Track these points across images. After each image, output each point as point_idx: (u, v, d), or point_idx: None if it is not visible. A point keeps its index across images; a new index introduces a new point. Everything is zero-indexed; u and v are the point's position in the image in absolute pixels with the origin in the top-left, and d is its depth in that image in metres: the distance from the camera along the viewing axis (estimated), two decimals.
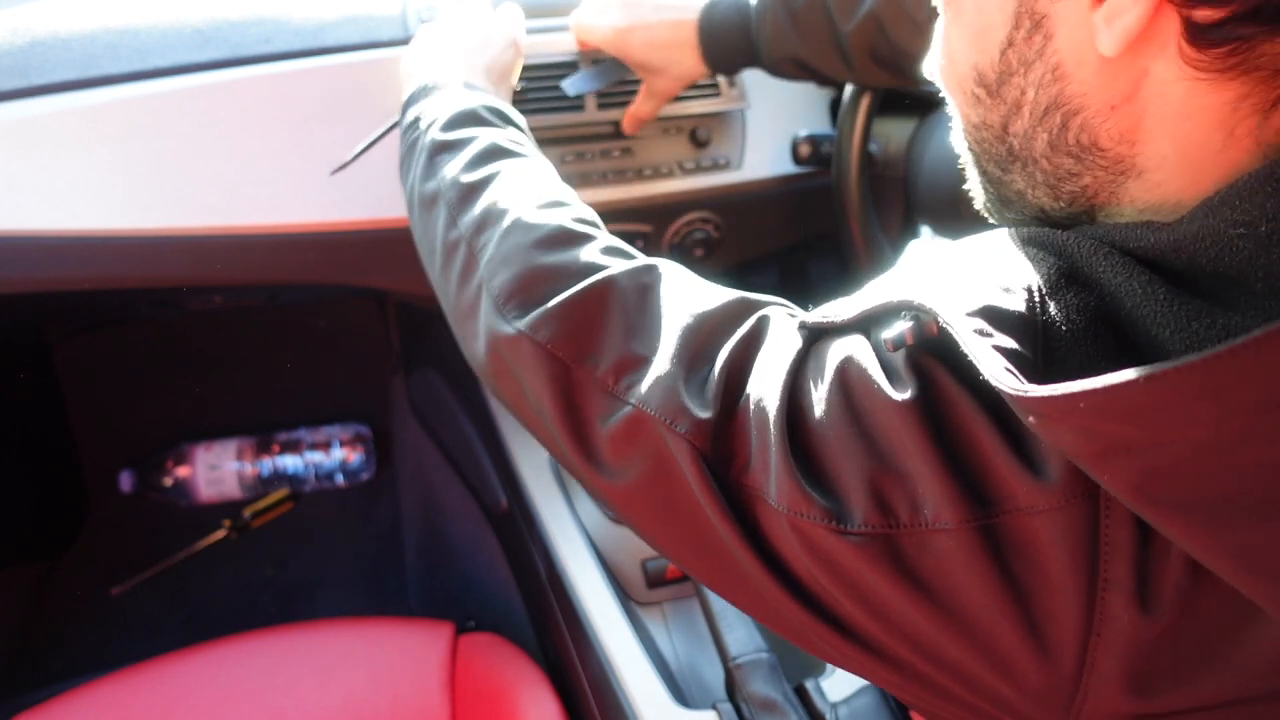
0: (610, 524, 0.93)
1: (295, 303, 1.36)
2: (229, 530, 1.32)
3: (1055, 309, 0.32)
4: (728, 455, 0.40)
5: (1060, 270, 0.33)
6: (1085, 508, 0.31)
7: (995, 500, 0.32)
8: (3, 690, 1.15)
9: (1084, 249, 0.33)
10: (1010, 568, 0.32)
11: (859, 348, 0.37)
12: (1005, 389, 0.29)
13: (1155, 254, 0.32)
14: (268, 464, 1.35)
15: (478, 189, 0.56)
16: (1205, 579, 0.30)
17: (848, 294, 0.40)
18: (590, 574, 0.87)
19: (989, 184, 0.43)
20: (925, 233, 1.00)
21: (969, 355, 0.31)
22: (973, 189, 0.45)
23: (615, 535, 0.92)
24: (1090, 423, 0.28)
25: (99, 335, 1.36)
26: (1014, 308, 0.32)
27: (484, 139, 0.60)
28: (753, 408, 0.39)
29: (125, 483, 1.32)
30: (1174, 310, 0.30)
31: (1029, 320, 0.32)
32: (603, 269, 0.47)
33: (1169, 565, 0.30)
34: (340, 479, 1.37)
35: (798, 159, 0.97)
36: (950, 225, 0.93)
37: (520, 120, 0.66)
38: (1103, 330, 0.31)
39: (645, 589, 0.89)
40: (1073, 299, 0.32)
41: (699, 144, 0.93)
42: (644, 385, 0.42)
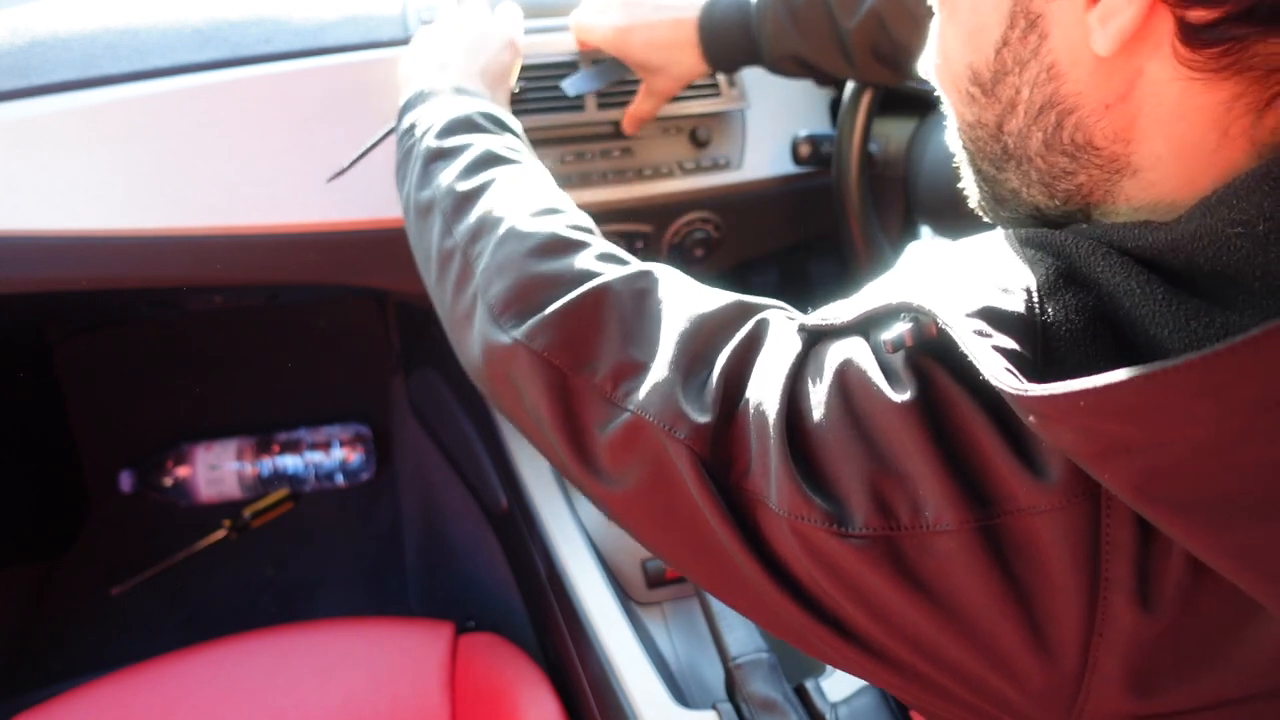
0: (610, 524, 0.92)
1: (295, 303, 1.36)
2: (229, 530, 1.32)
3: (1054, 309, 0.32)
4: (727, 460, 0.40)
5: (1059, 270, 0.33)
6: (1086, 507, 0.31)
7: (996, 501, 0.32)
8: (3, 690, 1.15)
9: (1082, 249, 0.33)
10: (1012, 568, 0.32)
11: (858, 350, 0.37)
12: (1005, 389, 0.29)
13: (1153, 254, 0.32)
14: (268, 464, 1.35)
15: (472, 197, 0.56)
16: (1206, 577, 0.30)
17: (848, 294, 0.40)
18: (590, 574, 0.87)
19: (983, 182, 0.43)
20: (925, 233, 1.00)
21: (968, 356, 0.31)
22: (967, 187, 0.45)
23: (615, 535, 0.92)
24: (1090, 422, 0.28)
25: (99, 335, 1.36)
26: (1013, 308, 0.32)
27: (479, 146, 0.60)
28: (752, 412, 0.39)
29: (125, 483, 1.32)
30: (1172, 309, 0.30)
31: (1028, 320, 0.32)
32: (598, 276, 0.47)
33: (1170, 564, 0.30)
34: (340, 479, 1.37)
35: (798, 159, 0.97)
36: (950, 225, 0.93)
37: (516, 125, 0.66)
38: (1102, 330, 0.31)
39: (645, 589, 0.89)
40: (1071, 299, 0.32)
41: (699, 144, 0.93)
42: (642, 391, 0.42)
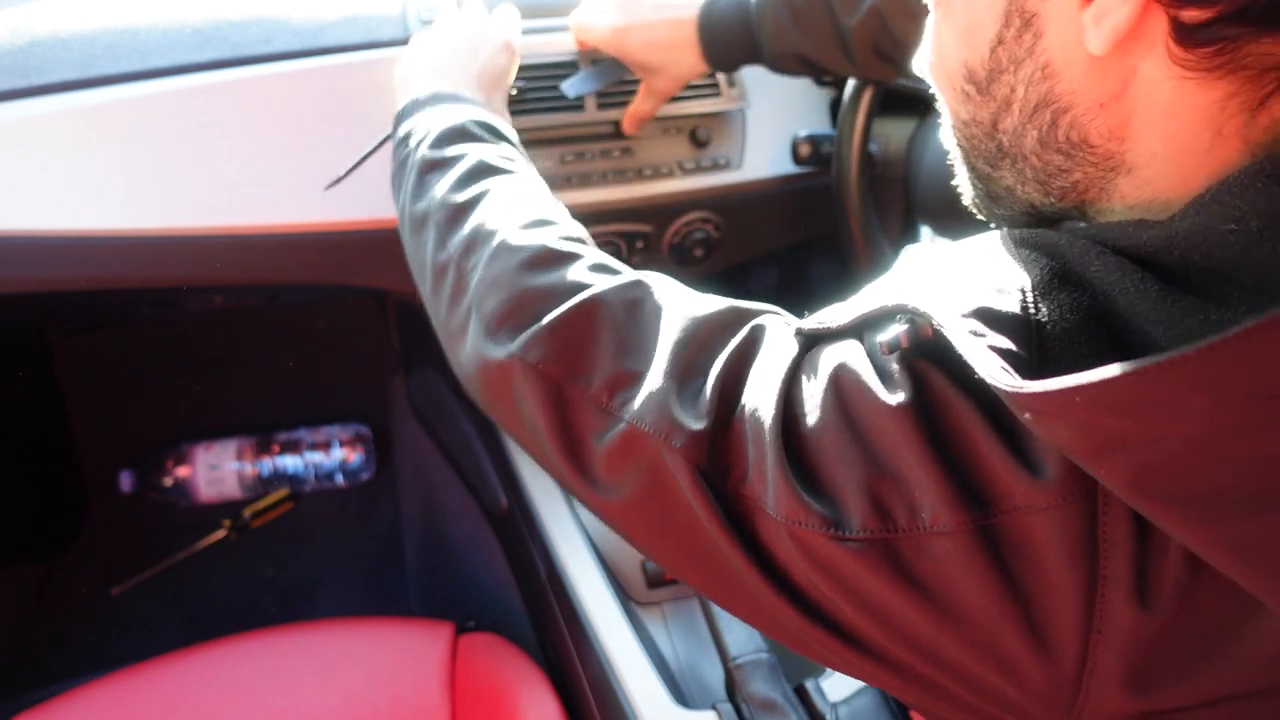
0: None
1: (295, 303, 1.36)
2: (229, 530, 1.32)
3: (1049, 308, 0.32)
4: (725, 467, 0.40)
5: (1053, 270, 0.33)
6: (1083, 505, 0.31)
7: (992, 501, 0.32)
8: (3, 690, 1.15)
9: (1076, 249, 0.33)
10: (1009, 568, 0.32)
11: (853, 353, 0.37)
12: (1001, 386, 0.30)
13: (1148, 251, 0.32)
14: (268, 464, 1.35)
15: (466, 209, 0.56)
16: (1204, 574, 0.30)
17: (848, 294, 0.40)
18: (590, 574, 0.87)
19: (978, 180, 0.44)
20: (925, 233, 1.00)
21: (964, 355, 0.31)
22: (961, 185, 0.45)
23: (615, 535, 0.91)
24: (1086, 417, 0.28)
25: (99, 335, 1.36)
26: (1008, 308, 0.32)
27: (473, 156, 0.60)
28: (749, 417, 0.39)
29: (125, 483, 1.32)
30: (1167, 307, 0.30)
31: (1023, 320, 0.32)
32: (590, 287, 0.47)
33: (1168, 561, 0.30)
34: (340, 479, 1.37)
35: (798, 159, 0.97)
36: (950, 225, 0.93)
37: (511, 133, 0.66)
38: (1097, 329, 0.31)
39: (645, 589, 0.89)
40: (1066, 298, 0.32)
41: (699, 144, 0.93)
42: (638, 401, 0.42)
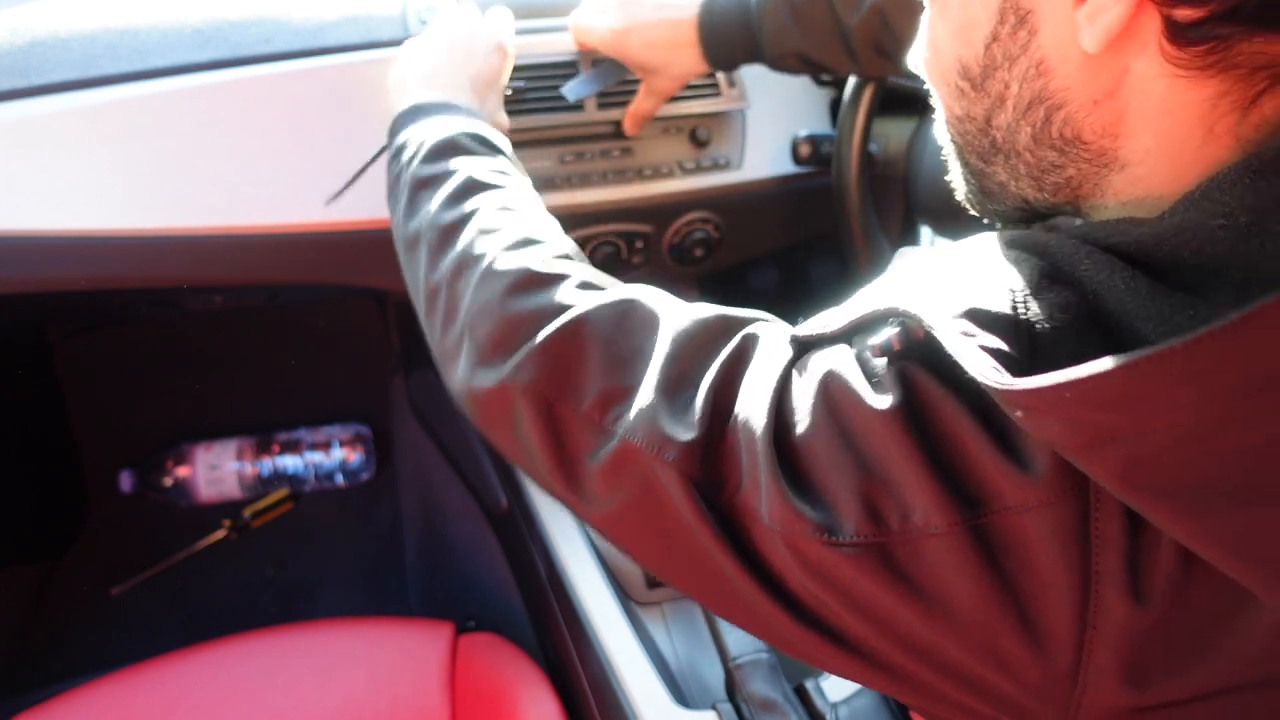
0: None
1: (295, 303, 1.36)
2: (229, 530, 1.32)
3: (1039, 308, 0.32)
4: (720, 477, 0.40)
5: (1043, 270, 0.33)
6: (1074, 502, 0.31)
7: (983, 500, 0.32)
8: (3, 690, 1.15)
9: (1066, 248, 0.34)
10: (1003, 567, 0.32)
11: (842, 359, 0.37)
12: (992, 384, 0.30)
13: (1137, 249, 0.32)
14: (268, 464, 1.35)
15: (455, 230, 0.57)
16: (1196, 568, 0.30)
17: (848, 294, 0.40)
18: (590, 574, 0.87)
19: (971, 175, 0.44)
20: (925, 233, 1.00)
21: (954, 355, 0.31)
22: (954, 180, 0.45)
23: None
24: (1076, 413, 0.28)
25: (99, 335, 1.36)
26: (998, 309, 0.32)
27: (463, 172, 0.60)
28: (741, 427, 0.39)
29: (125, 483, 1.32)
30: (1156, 304, 0.30)
31: (1013, 320, 0.32)
32: (576, 306, 0.47)
33: (1160, 556, 0.30)
34: (340, 479, 1.37)
35: (798, 159, 0.97)
36: (950, 225, 0.93)
37: (502, 141, 0.66)
38: (1087, 327, 0.31)
39: (645, 589, 0.89)
40: (1056, 297, 0.32)
41: (699, 144, 0.93)
42: (629, 416, 0.42)
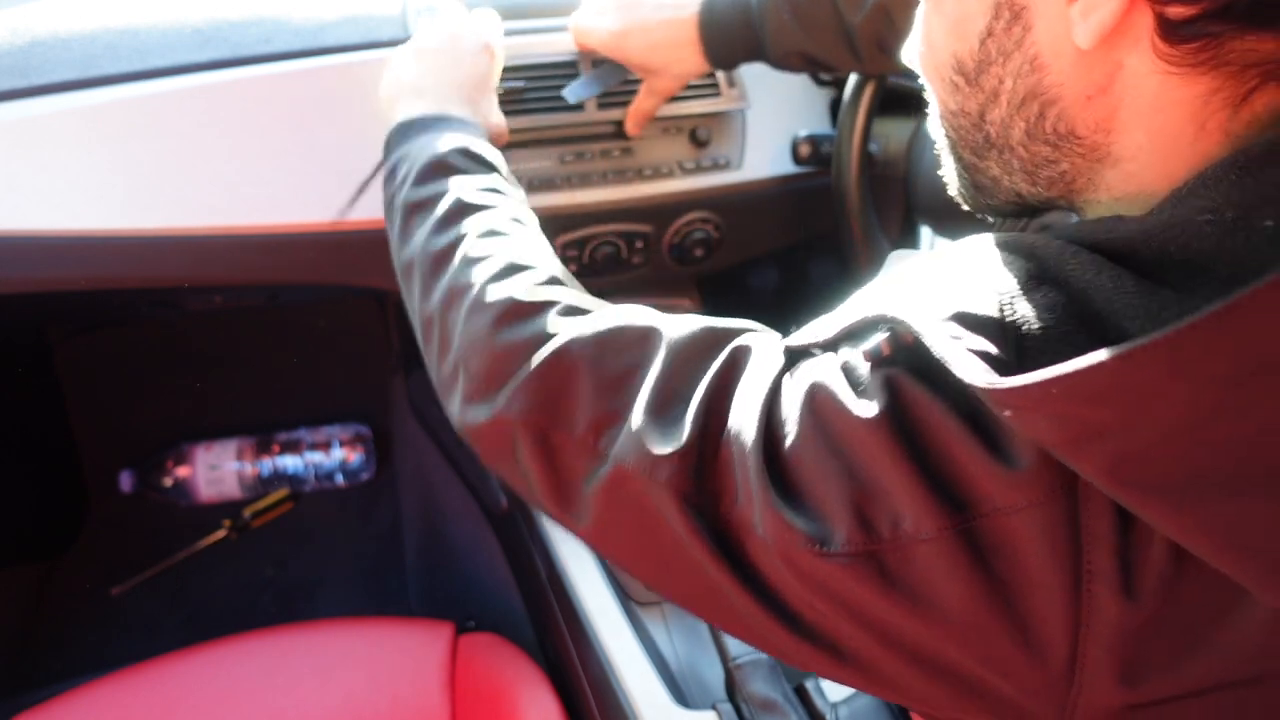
0: None
1: (295, 303, 1.36)
2: (229, 530, 1.32)
3: (1026, 310, 0.32)
4: (715, 491, 0.40)
5: (1030, 272, 0.33)
6: (1063, 502, 0.31)
7: (972, 503, 0.32)
8: (3, 690, 1.15)
9: (1052, 249, 0.34)
10: (994, 569, 0.32)
11: (827, 368, 0.37)
12: (979, 384, 0.30)
13: (1125, 246, 0.32)
14: (268, 464, 1.35)
15: (444, 259, 0.57)
16: (1188, 563, 0.30)
17: (849, 294, 0.40)
18: (590, 574, 0.87)
19: (964, 170, 0.44)
20: (925, 233, 1.00)
21: (942, 358, 0.32)
22: (946, 175, 0.46)
23: None
24: (1063, 409, 0.28)
25: (99, 335, 1.36)
26: (984, 311, 0.32)
27: (452, 193, 0.60)
28: (734, 440, 0.39)
29: (125, 483, 1.32)
30: (1143, 302, 0.30)
31: (1000, 322, 0.32)
32: (561, 334, 0.48)
33: (1151, 552, 0.30)
34: (340, 479, 1.37)
35: (798, 159, 0.97)
36: (950, 225, 0.93)
37: (493, 155, 0.65)
38: (1074, 327, 0.31)
39: (645, 589, 0.89)
40: (1042, 299, 0.32)
41: (699, 144, 0.93)
42: (620, 439, 0.43)
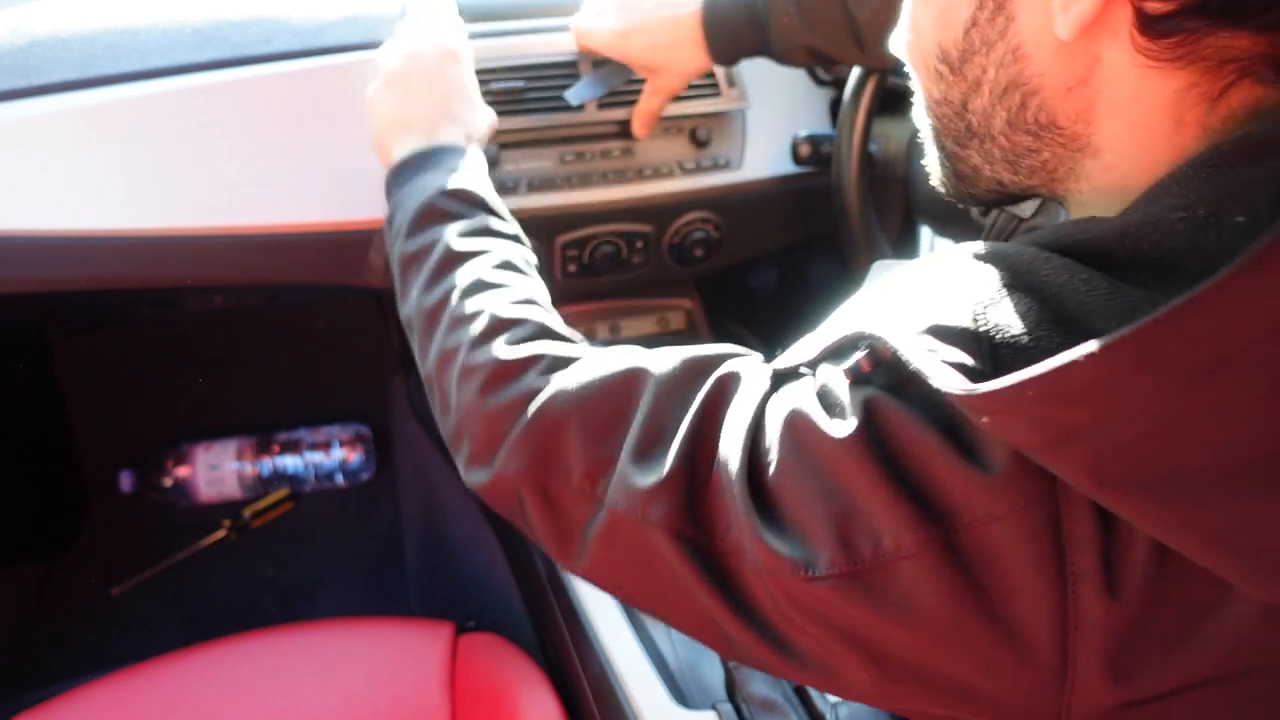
0: None
1: (295, 303, 1.36)
2: (229, 530, 1.32)
3: (999, 318, 0.32)
4: (709, 521, 0.40)
5: (1003, 281, 0.34)
6: (1044, 507, 0.31)
7: (952, 514, 0.33)
8: (3, 690, 1.15)
9: (1025, 256, 0.34)
10: (978, 578, 0.33)
11: (804, 391, 0.37)
12: (955, 391, 0.30)
13: (1100, 246, 0.33)
14: (268, 464, 1.35)
15: (435, 317, 0.58)
16: (1171, 562, 0.30)
17: (849, 294, 0.40)
18: None
19: (946, 159, 0.45)
20: (925, 233, 1.00)
21: (919, 371, 0.32)
22: (929, 165, 0.46)
23: None
24: (1039, 410, 0.28)
25: (99, 335, 1.36)
26: (959, 323, 0.33)
27: (441, 244, 0.61)
28: (722, 468, 0.40)
29: (125, 483, 1.32)
30: (1116, 301, 0.30)
31: (974, 333, 0.32)
32: (546, 389, 0.48)
33: (1134, 553, 0.31)
34: (340, 479, 1.37)
35: (798, 159, 0.97)
36: (950, 225, 0.93)
37: (479, 186, 0.65)
38: (1048, 331, 0.31)
39: None
40: (1016, 307, 0.32)
41: (699, 144, 0.93)
42: (613, 484, 0.43)
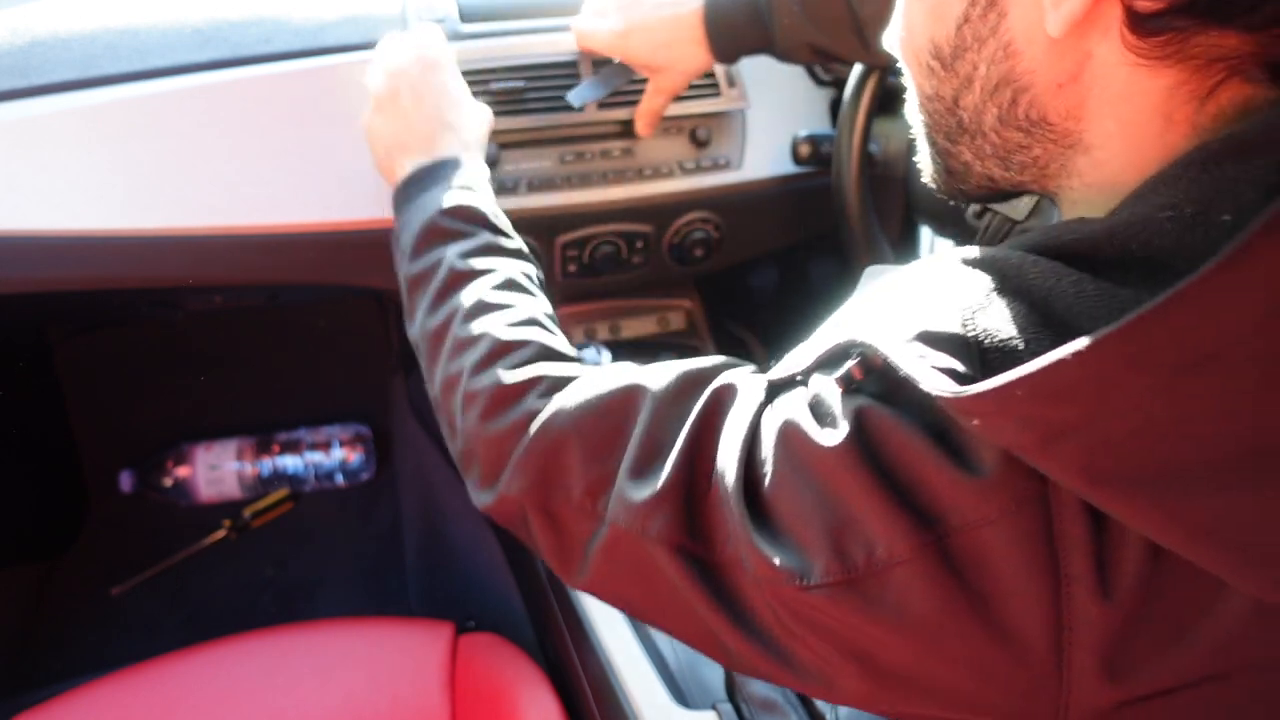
0: None
1: (295, 303, 1.36)
2: (229, 530, 1.32)
3: (988, 323, 0.32)
4: (708, 533, 0.40)
5: (992, 285, 0.34)
6: (1035, 510, 0.31)
7: (943, 519, 0.33)
8: (3, 690, 1.15)
9: (1013, 259, 0.34)
10: (971, 582, 0.33)
11: (796, 401, 0.38)
12: (945, 394, 0.30)
13: (1089, 246, 0.33)
14: (268, 464, 1.35)
15: (439, 341, 0.59)
16: (1164, 561, 0.30)
17: (848, 294, 0.41)
18: None
19: (937, 155, 0.45)
20: (925, 233, 1.00)
21: (909, 377, 0.32)
22: (921, 161, 0.46)
23: None
24: (1029, 410, 0.29)
25: (99, 335, 1.36)
26: (948, 328, 0.33)
27: (444, 266, 0.62)
28: (719, 481, 0.40)
29: (125, 483, 1.32)
30: (1104, 302, 0.30)
31: (963, 338, 0.32)
32: (544, 411, 0.49)
33: (1126, 552, 0.31)
34: (340, 479, 1.37)
35: (798, 159, 0.96)
36: (950, 225, 0.93)
37: (479, 200, 0.65)
38: (1037, 334, 0.31)
39: None
40: (1004, 310, 0.33)
41: (699, 144, 0.93)
42: (613, 500, 0.44)
